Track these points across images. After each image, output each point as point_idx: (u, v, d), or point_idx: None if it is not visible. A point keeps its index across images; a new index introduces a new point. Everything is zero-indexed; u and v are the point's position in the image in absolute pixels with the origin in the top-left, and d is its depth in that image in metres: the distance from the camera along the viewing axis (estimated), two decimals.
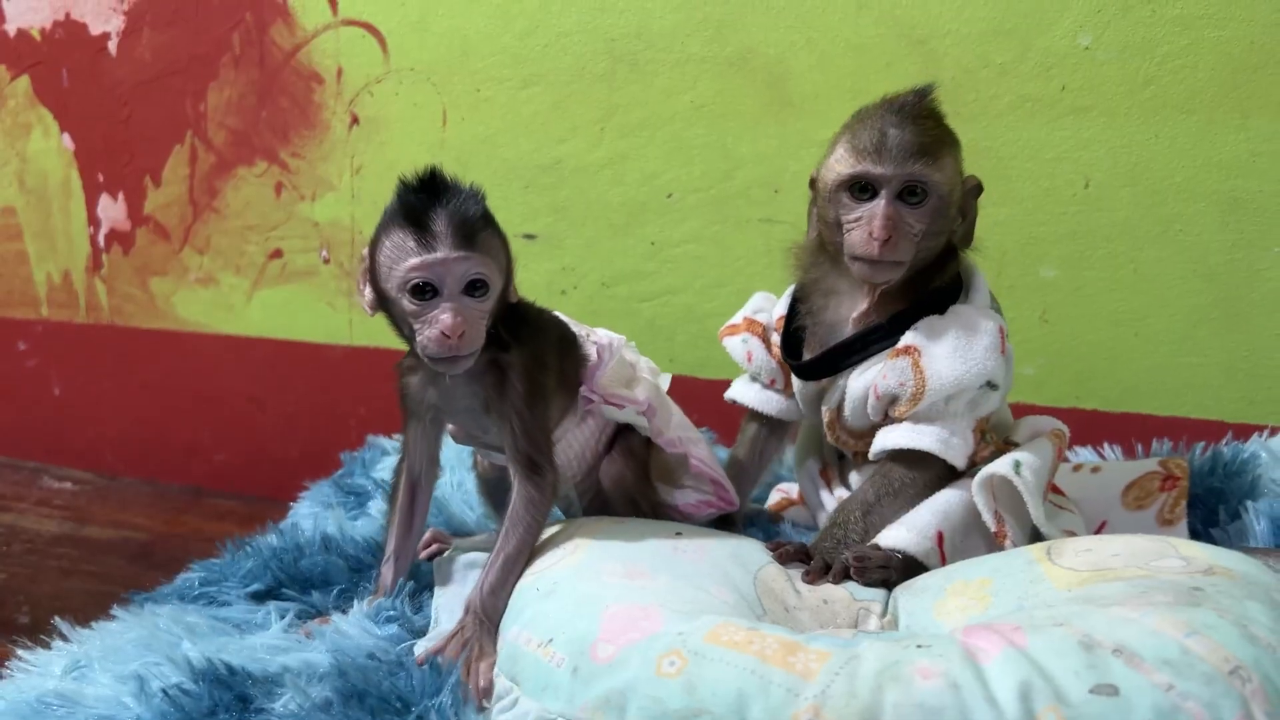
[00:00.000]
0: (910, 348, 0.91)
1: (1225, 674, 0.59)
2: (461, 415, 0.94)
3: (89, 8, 1.85)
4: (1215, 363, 1.30)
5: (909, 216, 0.89)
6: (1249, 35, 1.23)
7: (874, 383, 0.93)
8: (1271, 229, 1.25)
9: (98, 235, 1.93)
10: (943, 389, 0.90)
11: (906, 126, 0.89)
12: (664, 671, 0.65)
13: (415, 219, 0.81)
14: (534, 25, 1.55)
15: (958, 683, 0.60)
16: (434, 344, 0.81)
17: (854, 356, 0.96)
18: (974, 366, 0.89)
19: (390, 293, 0.83)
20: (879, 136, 0.89)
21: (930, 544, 0.90)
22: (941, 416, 0.92)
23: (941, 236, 0.93)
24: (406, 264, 0.80)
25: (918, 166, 0.88)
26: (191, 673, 0.72)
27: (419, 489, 0.97)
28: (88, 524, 1.70)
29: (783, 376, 1.06)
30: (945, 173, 0.90)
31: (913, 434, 0.92)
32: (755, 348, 1.06)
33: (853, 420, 0.99)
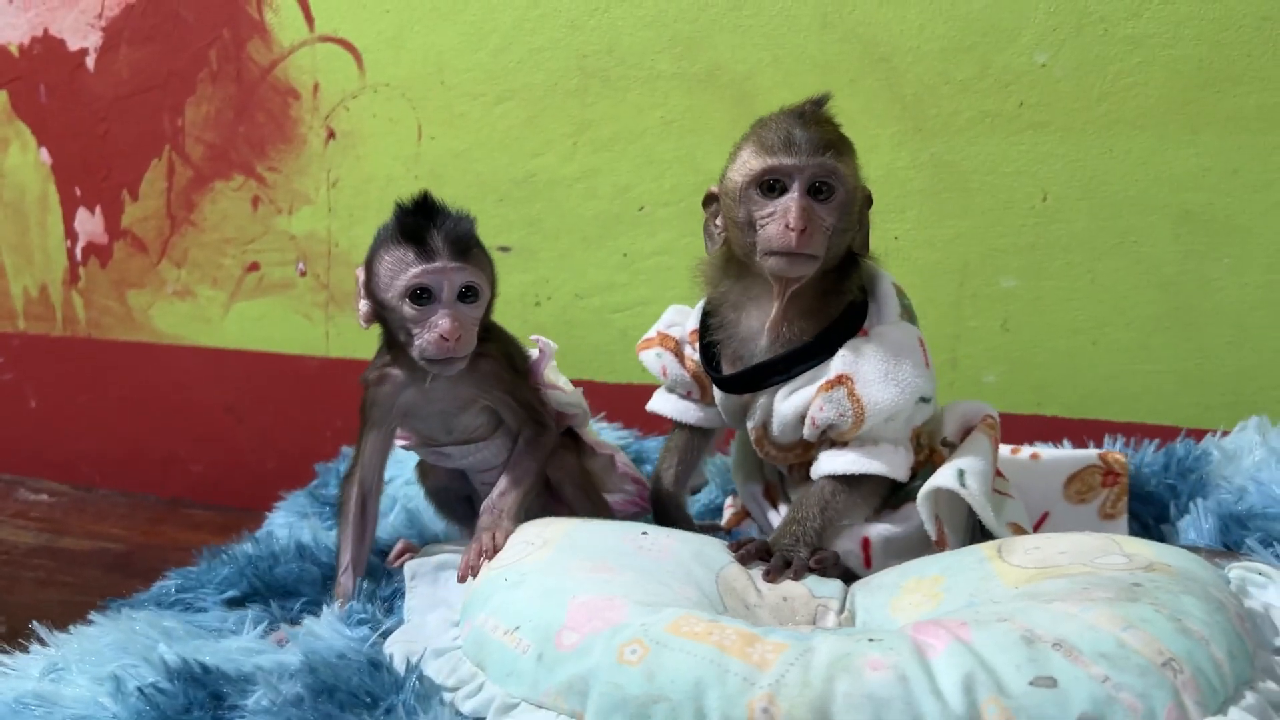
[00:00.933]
0: (843, 377, 0.93)
1: (1158, 666, 0.62)
2: (433, 418, 1.00)
3: (67, 24, 1.86)
4: (1170, 370, 1.33)
5: (820, 210, 0.90)
6: (1198, 54, 1.27)
7: (810, 414, 0.94)
8: (1222, 240, 1.29)
9: (75, 249, 1.94)
10: (880, 413, 0.92)
11: (811, 127, 0.91)
12: (625, 659, 0.68)
13: (415, 234, 0.91)
14: (507, 42, 1.58)
15: (905, 675, 0.63)
16: (433, 346, 0.90)
17: (776, 376, 0.97)
18: (906, 388, 0.92)
19: (391, 301, 0.92)
20: (786, 135, 0.90)
21: (853, 546, 0.95)
22: (881, 437, 0.95)
23: (847, 236, 0.94)
24: (409, 273, 0.90)
25: (827, 158, 0.89)
26: (167, 672, 0.74)
27: (369, 499, 1.01)
28: (64, 535, 1.70)
29: (699, 388, 1.07)
30: (849, 169, 0.92)
31: (860, 461, 0.94)
32: (669, 362, 1.07)
33: (781, 438, 1.01)
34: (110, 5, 1.82)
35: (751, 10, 1.44)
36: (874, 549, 0.96)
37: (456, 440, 1.03)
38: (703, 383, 1.06)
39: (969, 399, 1.38)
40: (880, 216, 1.38)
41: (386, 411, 0.99)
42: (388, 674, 0.76)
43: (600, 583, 0.78)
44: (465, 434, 1.03)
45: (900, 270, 1.39)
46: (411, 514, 1.25)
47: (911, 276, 1.40)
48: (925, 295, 1.40)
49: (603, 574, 0.80)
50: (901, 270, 1.40)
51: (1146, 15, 1.28)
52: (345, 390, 1.75)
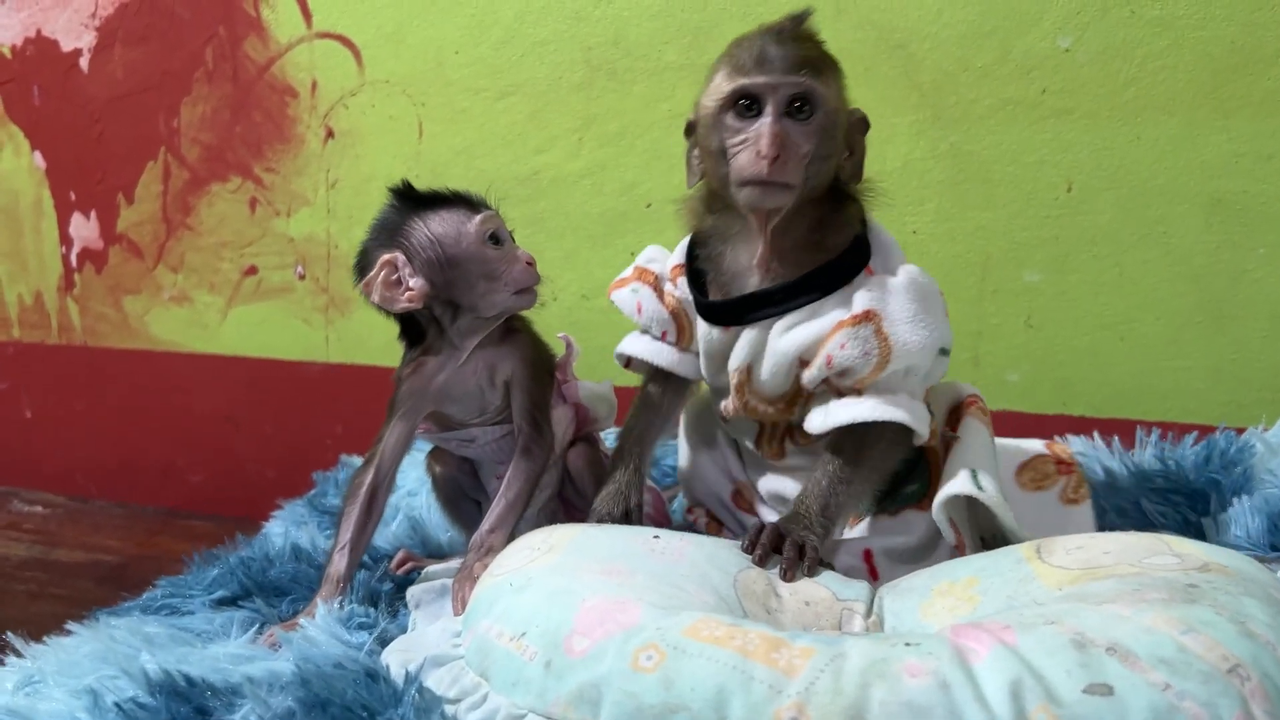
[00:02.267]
0: (870, 313, 0.85)
1: (1224, 672, 0.57)
2: (467, 396, 0.99)
3: (60, 24, 1.82)
4: (1202, 366, 1.28)
5: (796, 134, 0.83)
6: (1229, 35, 1.22)
7: (826, 351, 0.86)
8: (1256, 229, 1.24)
9: (70, 254, 1.90)
10: (907, 356, 0.85)
11: (788, 44, 0.84)
12: (640, 666, 0.63)
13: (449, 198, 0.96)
14: (510, 35, 1.54)
15: (947, 681, 0.57)
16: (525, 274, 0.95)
17: (772, 308, 0.89)
18: (934, 332, 0.86)
19: (467, 252, 0.93)
20: (760, 52, 0.83)
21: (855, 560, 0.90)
22: (899, 388, 0.87)
23: (829, 163, 0.86)
24: (478, 219, 0.94)
25: (803, 76, 0.82)
26: (148, 685, 0.69)
27: (380, 489, 0.98)
28: (58, 547, 1.66)
29: (675, 329, 0.98)
30: (831, 88, 0.84)
31: (882, 407, 0.86)
32: (645, 297, 0.98)
33: (769, 383, 0.92)
34: (104, 5, 1.78)
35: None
36: (877, 561, 0.91)
37: (487, 420, 1.01)
38: (681, 322, 0.97)
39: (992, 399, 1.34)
40: (898, 209, 1.36)
41: (421, 398, 0.98)
42: (385, 686, 0.71)
43: (611, 585, 0.73)
44: (496, 414, 1.01)
45: (920, 264, 1.34)
46: (415, 522, 1.22)
47: (931, 270, 1.33)
48: (946, 290, 1.33)
49: (613, 577, 0.75)
50: (921, 264, 1.33)
51: None
52: (346, 396, 1.73)
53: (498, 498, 0.97)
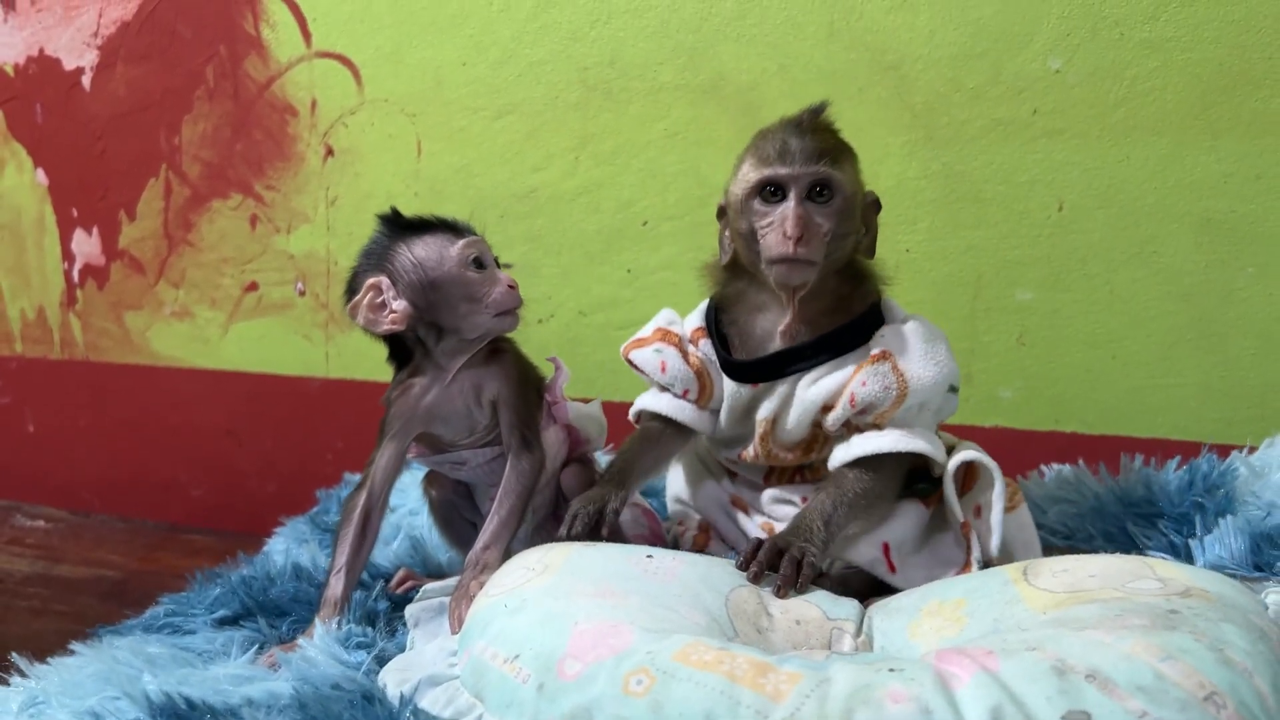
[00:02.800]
0: (885, 353, 0.93)
1: (1200, 700, 0.58)
2: (455, 416, 1.01)
3: (63, 43, 1.84)
4: (1193, 383, 1.30)
5: (818, 215, 0.91)
6: (1217, 57, 1.24)
7: (849, 390, 0.93)
8: (1245, 249, 1.25)
9: (72, 270, 1.92)
10: (922, 390, 0.92)
11: (806, 135, 0.92)
12: (631, 690, 0.64)
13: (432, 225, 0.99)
14: (507, 55, 1.55)
15: (929, 707, 0.59)
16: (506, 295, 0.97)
17: (801, 363, 0.97)
18: (944, 368, 0.94)
19: (447, 275, 0.96)
20: (782, 144, 0.92)
21: (876, 553, 0.94)
22: (914, 423, 0.95)
23: (848, 240, 0.95)
24: (460, 244, 0.96)
25: (822, 165, 0.91)
26: (149, 707, 0.71)
27: (374, 512, 1.00)
28: (60, 563, 1.67)
29: (698, 387, 1.04)
30: (848, 174, 0.93)
31: (905, 439, 0.93)
32: (670, 357, 1.04)
33: (793, 431, 0.99)
34: (106, 23, 1.80)
35: (756, 19, 1.41)
36: (893, 553, 0.95)
37: (477, 442, 1.03)
38: (704, 381, 1.03)
39: (985, 416, 1.35)
40: (891, 228, 1.37)
41: (410, 419, 1.00)
42: (381, 707, 0.72)
43: (604, 608, 0.74)
44: (485, 434, 1.03)
45: (912, 283, 1.37)
46: (415, 541, 1.23)
47: (924, 289, 1.37)
48: (938, 309, 1.37)
49: (607, 599, 0.76)
50: (914, 283, 1.37)
51: (1164, 18, 1.24)
52: (347, 411, 1.74)
53: (491, 514, 0.98)
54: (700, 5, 1.44)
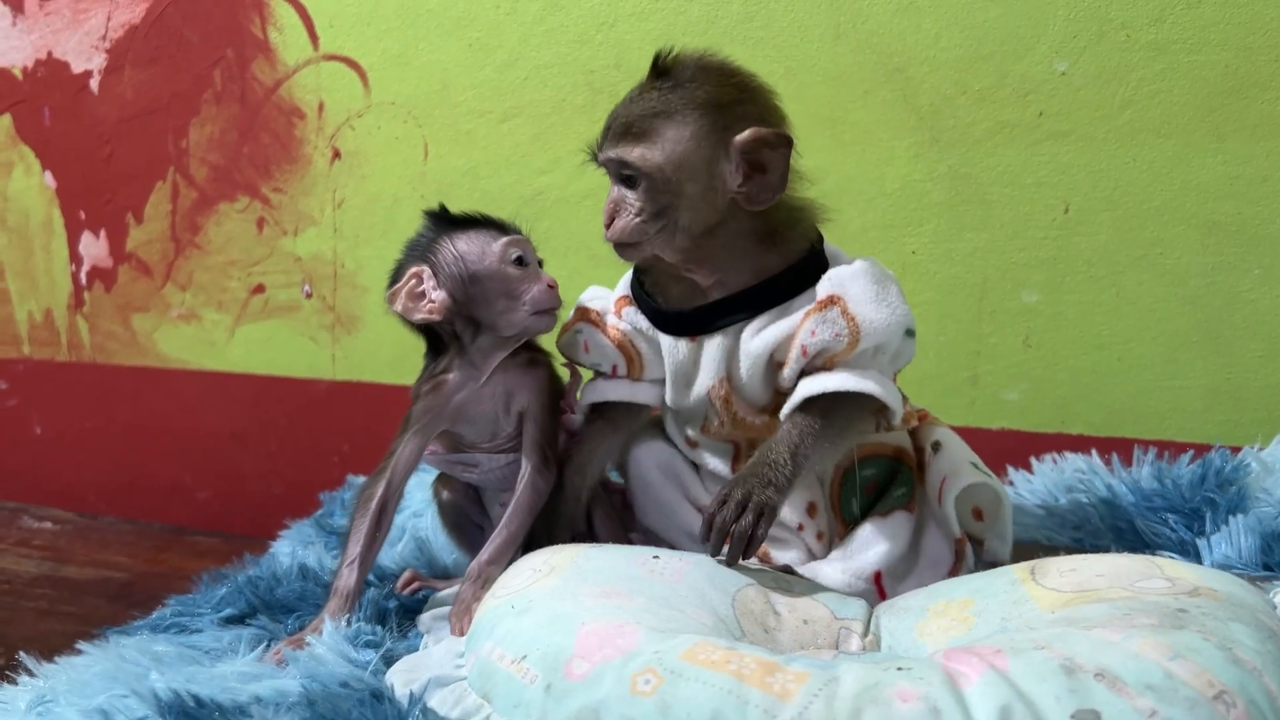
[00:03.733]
0: (834, 297, 0.89)
1: (1209, 699, 0.58)
2: (482, 418, 1.01)
3: (71, 46, 1.85)
4: (1199, 386, 1.29)
5: (629, 197, 0.91)
6: (1223, 60, 1.24)
7: (799, 341, 0.89)
8: (1251, 251, 1.25)
9: (79, 273, 1.93)
10: (875, 333, 0.88)
11: (631, 103, 0.91)
12: (638, 690, 0.64)
13: (477, 221, 1.00)
14: (514, 58, 1.56)
15: (937, 706, 0.59)
16: (546, 295, 0.98)
17: (739, 313, 0.93)
18: (896, 311, 0.89)
19: (488, 270, 0.97)
20: (607, 119, 0.93)
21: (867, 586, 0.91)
22: (869, 366, 0.90)
23: (691, 208, 0.90)
24: (501, 242, 0.98)
25: (617, 150, 0.90)
26: (157, 705, 0.71)
27: (389, 504, 0.99)
28: (67, 564, 1.67)
29: (624, 360, 1.01)
30: (658, 148, 0.89)
31: (851, 379, 0.88)
32: (590, 335, 1.01)
33: (750, 388, 0.95)
34: (114, 27, 1.80)
35: (762, 22, 1.41)
36: (885, 579, 0.93)
37: (497, 447, 1.03)
38: (629, 353, 1.00)
39: (991, 418, 1.35)
40: (897, 230, 1.37)
41: (437, 415, 1.00)
42: (390, 706, 0.72)
43: (611, 609, 0.74)
44: (505, 441, 1.03)
45: (918, 285, 1.37)
46: (420, 543, 1.23)
47: (929, 291, 1.37)
48: (944, 311, 1.37)
49: (613, 599, 0.76)
50: (919, 285, 1.37)
51: (1170, 21, 1.25)
52: (353, 414, 1.74)
53: (499, 528, 0.98)
54: (706, 8, 1.44)
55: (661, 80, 0.91)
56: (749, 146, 0.88)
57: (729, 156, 0.88)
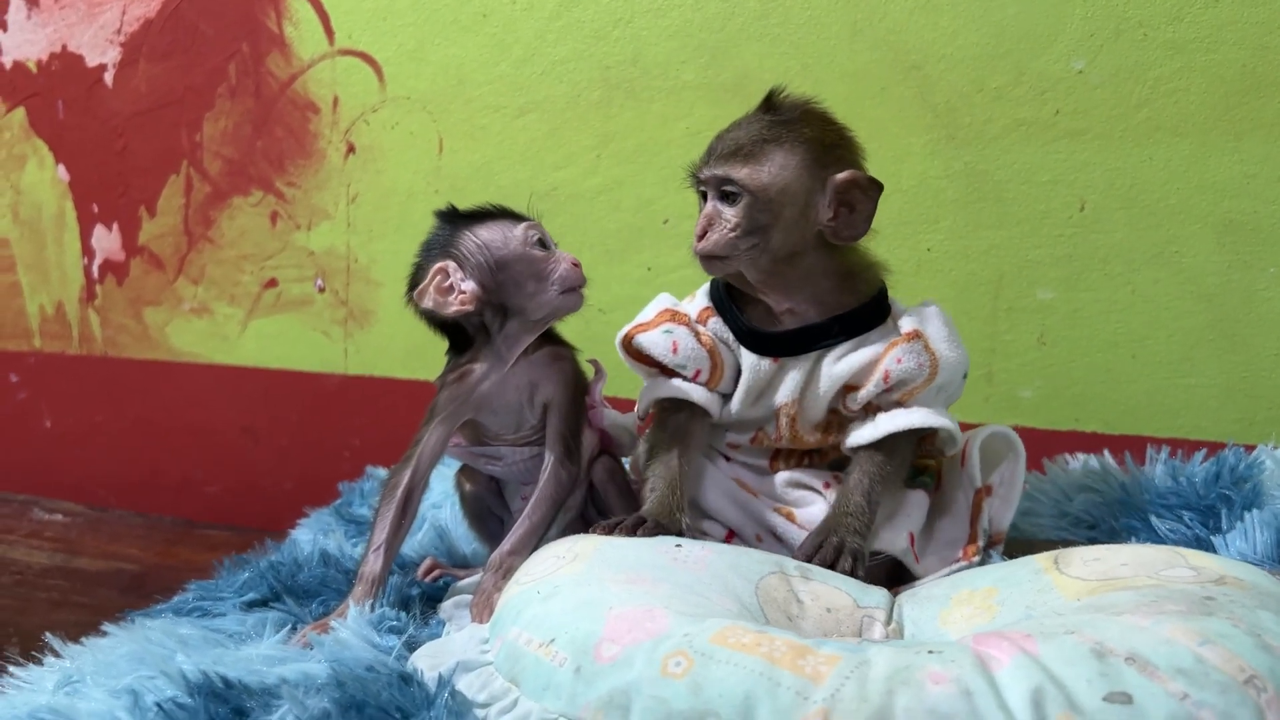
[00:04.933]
0: (917, 332, 0.96)
1: (1240, 683, 0.58)
2: (506, 408, 1.02)
3: (85, 40, 1.85)
4: (1213, 384, 1.30)
5: (726, 213, 0.95)
6: (1240, 58, 1.24)
7: (884, 368, 0.95)
8: (1267, 250, 1.26)
9: (91, 266, 1.93)
10: (949, 370, 0.96)
11: (740, 128, 0.97)
12: (670, 672, 0.64)
13: (495, 213, 1.01)
14: (530, 54, 1.56)
15: (970, 689, 0.59)
16: (571, 273, 1.00)
17: (828, 339, 0.98)
18: (964, 352, 0.98)
19: (513, 254, 0.98)
20: (711, 142, 0.98)
21: (905, 544, 0.97)
22: (933, 404, 0.98)
23: (784, 232, 0.95)
24: (522, 226, 1.00)
25: (724, 167, 0.94)
26: (186, 686, 0.71)
27: (415, 492, 1.00)
28: (79, 556, 1.67)
29: (710, 366, 1.02)
30: (765, 170, 0.94)
31: (933, 416, 0.96)
32: (682, 336, 1.02)
33: (816, 409, 1.01)
34: (129, 21, 1.81)
35: (779, 18, 1.42)
36: (916, 543, 0.98)
37: (521, 439, 1.04)
38: (716, 360, 1.02)
39: (1006, 415, 1.36)
40: (913, 227, 1.38)
41: (463, 404, 1.00)
42: (419, 689, 0.72)
43: (638, 594, 0.74)
44: (530, 433, 1.04)
45: (934, 282, 1.38)
46: (441, 531, 1.24)
47: (945, 289, 1.38)
48: (959, 308, 1.37)
49: (639, 585, 0.77)
50: (935, 282, 1.38)
51: (1187, 20, 1.25)
52: (365, 408, 1.74)
53: (521, 518, 0.98)
54: (723, 5, 1.45)
55: (770, 113, 0.97)
56: (844, 186, 0.94)
57: (824, 191, 0.94)
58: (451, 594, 0.99)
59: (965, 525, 1.01)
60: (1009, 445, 1.04)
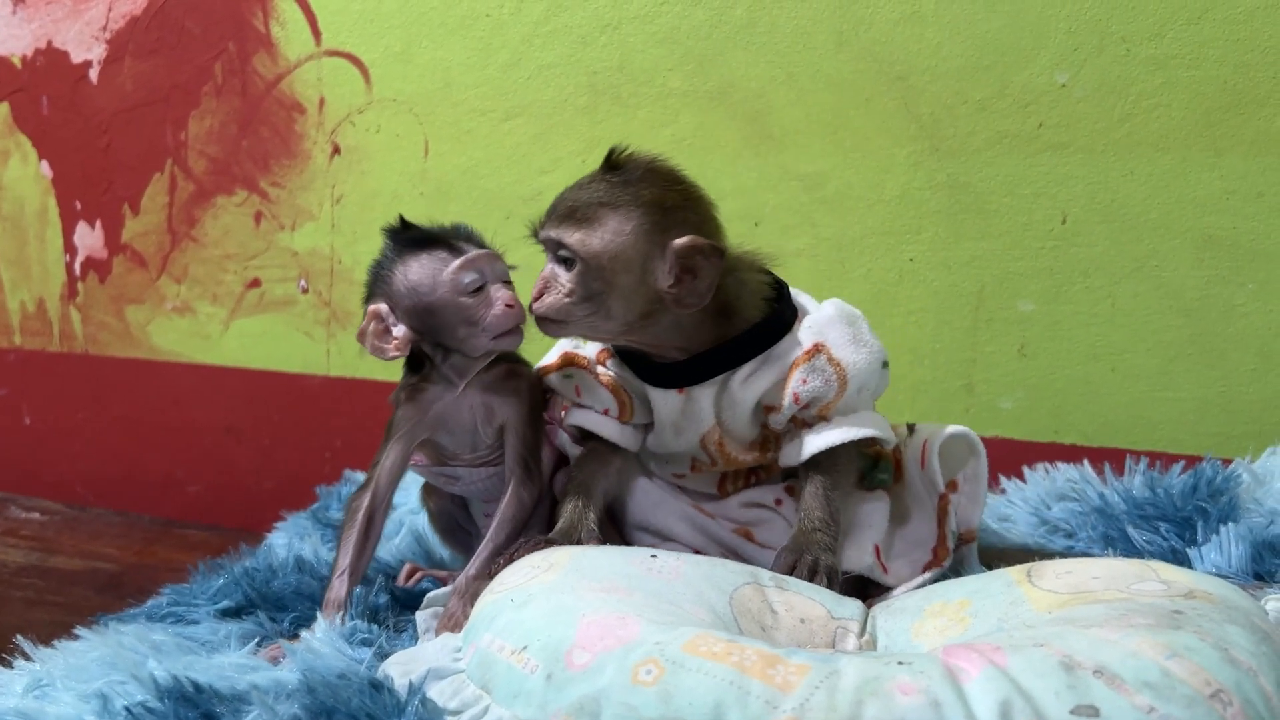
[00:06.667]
0: (818, 345, 0.94)
1: (1206, 697, 0.58)
2: (461, 430, 1.00)
3: (71, 36, 1.85)
4: (1192, 398, 1.30)
5: (562, 277, 0.92)
6: (1221, 75, 1.25)
7: (790, 390, 0.93)
8: (1246, 265, 1.26)
9: (74, 263, 1.92)
10: (859, 375, 0.93)
11: (580, 189, 0.93)
12: (640, 680, 0.64)
13: (431, 241, 0.95)
14: (516, 58, 1.56)
15: (938, 700, 0.59)
16: (503, 317, 0.93)
17: (725, 366, 0.95)
18: (872, 349, 0.95)
19: (441, 300, 0.93)
20: (554, 199, 0.94)
21: (871, 559, 0.95)
22: (858, 406, 0.96)
23: (622, 300, 0.91)
24: (452, 267, 0.93)
25: (558, 230, 0.91)
26: (156, 690, 0.71)
27: (377, 513, 0.99)
28: (55, 554, 1.66)
29: (616, 404, 1.01)
30: (597, 236, 0.90)
31: (852, 429, 0.94)
32: (582, 379, 1.02)
33: (740, 431, 0.98)
34: (115, 18, 1.80)
35: (765, 28, 1.42)
36: (882, 554, 0.96)
37: (477, 460, 1.02)
38: (621, 398, 1.01)
39: (985, 426, 1.36)
40: (896, 237, 1.38)
41: (417, 424, 0.99)
42: (389, 696, 0.72)
43: (612, 602, 0.74)
44: (487, 454, 1.02)
45: (915, 292, 1.38)
46: (419, 537, 1.24)
47: (927, 299, 1.38)
48: (941, 318, 1.38)
49: (613, 594, 0.77)
50: (917, 292, 1.38)
51: (1169, 36, 1.26)
52: (347, 410, 1.74)
53: (485, 542, 0.97)
54: (710, 13, 1.45)
55: (612, 174, 0.92)
56: (685, 251, 0.89)
57: (664, 257, 0.90)
58: (427, 604, 0.99)
59: (932, 524, 1.00)
60: (969, 446, 1.02)
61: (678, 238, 0.89)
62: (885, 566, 0.96)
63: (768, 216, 1.44)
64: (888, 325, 1.40)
